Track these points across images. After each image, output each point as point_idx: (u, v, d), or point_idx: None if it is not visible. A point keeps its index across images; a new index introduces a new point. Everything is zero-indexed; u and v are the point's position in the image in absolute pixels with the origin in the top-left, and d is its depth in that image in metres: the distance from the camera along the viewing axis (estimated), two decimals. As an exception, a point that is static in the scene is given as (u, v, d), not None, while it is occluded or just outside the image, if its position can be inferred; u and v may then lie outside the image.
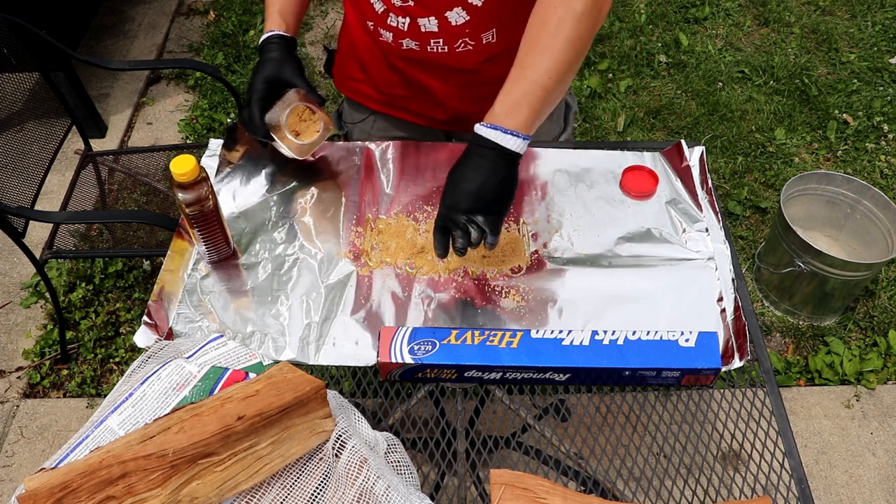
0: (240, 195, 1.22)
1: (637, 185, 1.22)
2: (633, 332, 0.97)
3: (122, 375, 0.93)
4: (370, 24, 1.17)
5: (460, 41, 1.13)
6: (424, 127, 1.34)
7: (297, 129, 1.17)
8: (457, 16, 1.10)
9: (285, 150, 1.18)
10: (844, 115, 2.80)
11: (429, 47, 1.15)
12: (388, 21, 1.13)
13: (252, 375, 0.87)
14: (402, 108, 1.31)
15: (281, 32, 1.17)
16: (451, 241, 1.02)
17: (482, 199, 0.96)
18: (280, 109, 1.15)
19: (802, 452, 1.91)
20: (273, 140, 1.16)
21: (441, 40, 1.13)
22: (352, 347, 1.02)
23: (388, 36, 1.16)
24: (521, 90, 0.95)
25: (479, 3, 1.08)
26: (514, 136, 0.94)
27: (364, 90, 1.32)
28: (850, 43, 3.12)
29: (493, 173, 0.95)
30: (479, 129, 0.96)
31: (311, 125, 1.18)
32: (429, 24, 1.11)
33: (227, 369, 0.89)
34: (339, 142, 1.31)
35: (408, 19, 1.11)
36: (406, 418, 1.01)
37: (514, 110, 0.94)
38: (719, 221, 1.18)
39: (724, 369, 0.98)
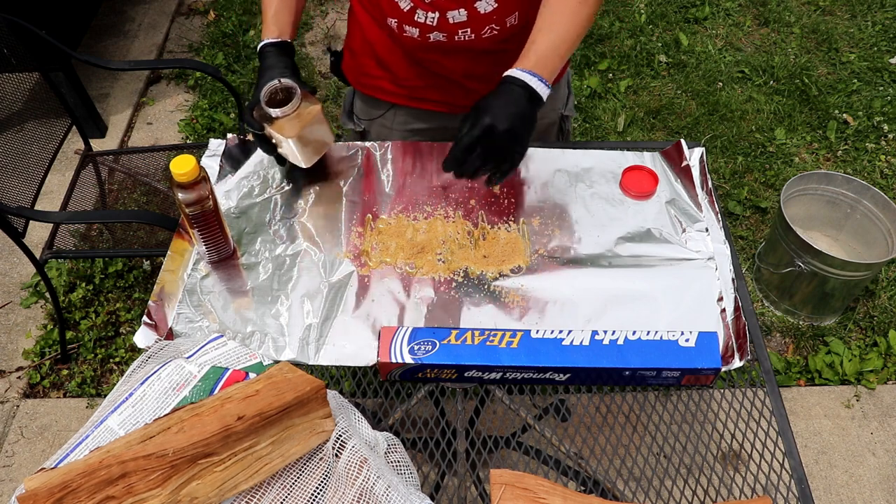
0: (240, 195, 1.23)
1: (637, 185, 1.22)
2: (633, 332, 0.97)
3: (122, 375, 0.93)
4: (392, 21, 1.18)
5: (487, 27, 1.16)
6: (446, 114, 1.36)
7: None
8: (486, 4, 1.13)
9: (286, 148, 1.16)
10: (844, 115, 2.80)
11: (456, 37, 1.17)
12: (416, 17, 1.15)
13: (252, 375, 0.87)
14: (425, 98, 1.33)
15: (272, 40, 1.17)
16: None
17: (517, 128, 1.03)
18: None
19: (802, 452, 1.90)
20: (266, 132, 1.15)
21: (469, 29, 1.16)
22: (352, 347, 1.02)
23: (413, 32, 1.17)
24: (549, 45, 1.06)
25: None
26: (544, 83, 1.05)
27: (383, 85, 1.33)
28: (850, 43, 3.12)
29: (526, 110, 1.04)
30: (516, 72, 1.04)
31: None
32: (458, 15, 1.14)
33: (227, 369, 0.89)
34: (338, 142, 1.31)
35: (437, 14, 1.14)
36: (406, 418, 1.01)
37: (544, 62, 1.06)
38: (719, 221, 1.18)
39: (724, 369, 0.98)
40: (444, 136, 1.41)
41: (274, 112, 1.13)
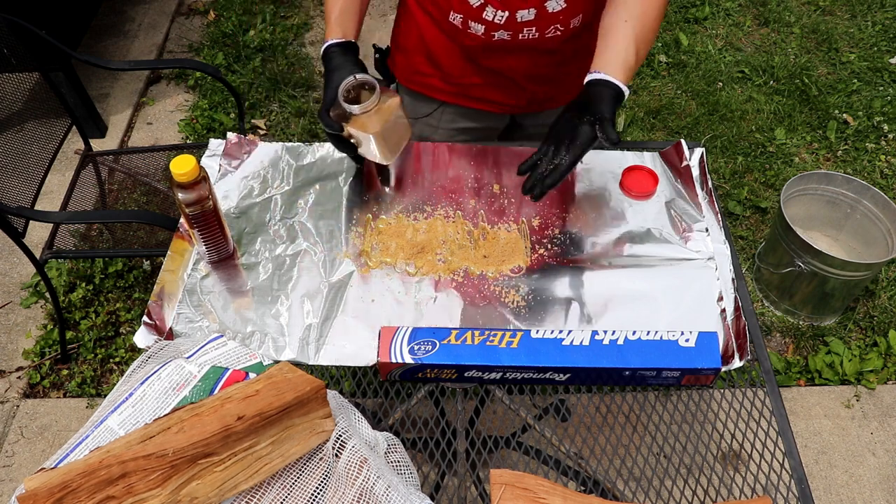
0: (240, 195, 1.23)
1: (637, 185, 1.22)
2: (633, 332, 0.97)
3: (122, 375, 0.93)
4: (456, 17, 1.18)
5: (552, 27, 1.17)
6: (494, 114, 1.37)
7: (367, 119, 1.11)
8: (555, 4, 1.13)
9: (366, 146, 1.13)
10: (844, 115, 2.80)
11: (521, 35, 1.17)
12: (484, 15, 1.15)
13: (252, 375, 0.87)
14: (477, 97, 1.33)
15: (337, 40, 1.16)
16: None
17: (611, 120, 1.08)
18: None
19: (802, 452, 1.90)
20: (345, 133, 1.12)
21: (534, 28, 1.17)
22: (352, 347, 1.02)
23: (478, 29, 1.17)
24: (631, 52, 1.09)
25: None
26: (628, 89, 1.09)
27: (434, 83, 1.33)
28: (850, 43, 3.12)
29: (615, 110, 1.10)
30: (612, 80, 1.08)
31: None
32: (527, 14, 1.14)
33: (227, 369, 0.89)
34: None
35: (507, 12, 1.14)
36: (406, 418, 1.01)
37: (628, 69, 1.09)
38: (719, 221, 1.18)
39: (724, 369, 0.98)
40: (488, 137, 1.42)
41: (355, 109, 1.08)
